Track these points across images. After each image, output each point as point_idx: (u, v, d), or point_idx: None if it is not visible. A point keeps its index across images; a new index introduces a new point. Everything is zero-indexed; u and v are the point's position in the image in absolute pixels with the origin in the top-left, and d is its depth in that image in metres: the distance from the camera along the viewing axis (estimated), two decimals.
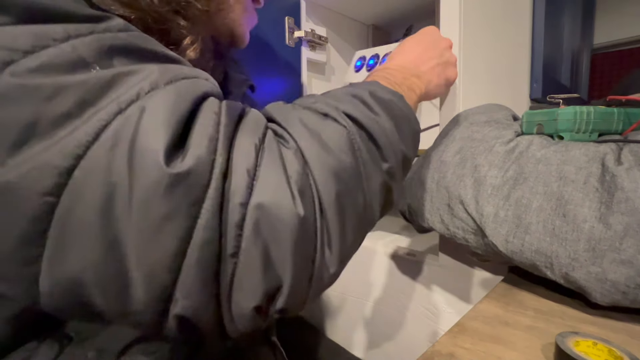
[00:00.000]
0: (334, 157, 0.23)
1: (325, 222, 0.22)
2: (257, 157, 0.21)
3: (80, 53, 0.19)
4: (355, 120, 0.26)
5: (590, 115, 0.39)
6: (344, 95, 0.29)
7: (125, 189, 0.18)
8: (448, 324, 0.51)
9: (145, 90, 0.20)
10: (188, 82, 0.22)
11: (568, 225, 0.34)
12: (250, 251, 0.20)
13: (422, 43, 0.43)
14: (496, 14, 0.61)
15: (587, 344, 0.28)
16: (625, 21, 1.06)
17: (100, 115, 0.18)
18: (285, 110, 0.26)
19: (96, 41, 0.20)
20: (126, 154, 0.18)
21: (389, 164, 0.27)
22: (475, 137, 0.43)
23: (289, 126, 0.24)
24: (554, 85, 0.79)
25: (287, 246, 0.20)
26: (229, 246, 0.19)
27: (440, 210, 0.43)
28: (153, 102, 0.19)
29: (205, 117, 0.21)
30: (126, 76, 0.20)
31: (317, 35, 0.78)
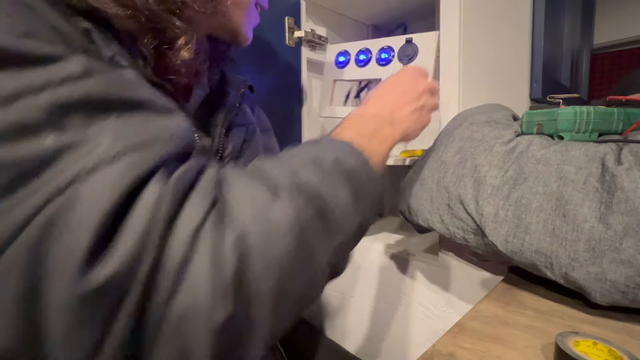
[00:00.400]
0: (278, 243, 0.22)
1: (260, 312, 0.21)
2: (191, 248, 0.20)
3: (26, 121, 0.17)
4: (310, 193, 0.25)
5: (590, 116, 0.39)
6: (307, 159, 0.28)
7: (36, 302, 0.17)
8: (448, 323, 0.51)
9: (86, 170, 0.18)
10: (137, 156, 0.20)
11: (568, 225, 0.34)
12: (166, 350, 0.19)
13: (400, 86, 0.42)
14: (496, 14, 0.62)
15: (587, 343, 0.28)
16: (625, 21, 1.06)
17: (31, 202, 0.17)
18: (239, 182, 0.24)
19: (49, 98, 0.18)
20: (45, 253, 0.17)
21: (341, 237, 0.26)
22: (475, 137, 0.43)
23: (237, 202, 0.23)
24: (554, 85, 0.79)
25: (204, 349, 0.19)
26: (146, 346, 0.19)
27: (440, 210, 0.43)
28: (89, 189, 0.18)
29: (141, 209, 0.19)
30: (70, 149, 0.18)
31: (317, 35, 0.78)
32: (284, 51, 0.76)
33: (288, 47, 0.76)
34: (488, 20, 0.59)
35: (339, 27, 0.87)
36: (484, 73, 0.59)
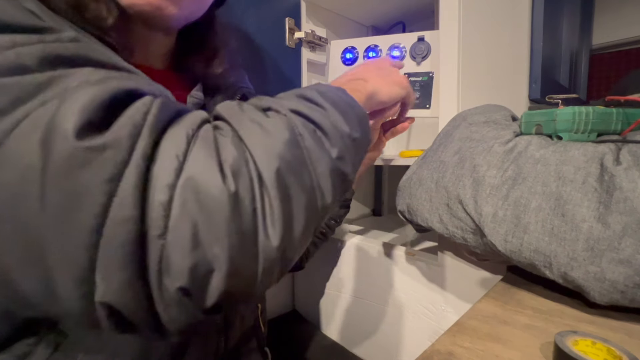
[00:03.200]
0: (274, 140, 0.24)
1: (267, 198, 0.22)
2: (188, 144, 0.22)
3: (23, 60, 0.20)
4: (298, 113, 0.27)
5: (589, 116, 0.39)
6: (290, 96, 0.30)
7: (38, 170, 0.18)
8: (447, 323, 0.51)
9: (72, 86, 0.20)
10: (119, 80, 0.22)
11: (567, 224, 0.34)
12: (177, 230, 0.20)
13: (370, 64, 0.47)
14: (495, 14, 0.62)
15: (586, 343, 0.28)
16: (624, 21, 1.06)
17: (24, 109, 0.19)
18: (230, 106, 0.27)
19: (42, 50, 0.21)
20: (41, 136, 0.19)
21: (338, 149, 0.28)
22: (474, 137, 0.44)
23: (231, 119, 0.25)
24: (553, 86, 0.80)
25: (219, 224, 0.20)
26: (155, 227, 0.19)
27: (439, 210, 0.43)
28: (75, 93, 0.20)
29: (134, 107, 0.21)
30: (60, 78, 0.21)
31: (317, 36, 0.78)
32: (284, 52, 0.76)
33: (288, 48, 0.76)
34: (487, 21, 0.59)
35: (338, 27, 0.87)
36: (483, 73, 0.59)
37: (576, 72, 0.97)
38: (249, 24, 0.69)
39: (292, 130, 0.25)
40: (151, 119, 0.21)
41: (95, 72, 0.22)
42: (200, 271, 0.21)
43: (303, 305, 0.85)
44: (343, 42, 0.68)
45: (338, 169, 0.28)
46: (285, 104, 0.27)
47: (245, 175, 0.22)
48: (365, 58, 0.66)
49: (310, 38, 0.77)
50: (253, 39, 0.70)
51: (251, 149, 0.23)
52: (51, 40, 0.22)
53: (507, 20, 0.66)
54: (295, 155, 0.25)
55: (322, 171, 0.26)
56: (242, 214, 0.21)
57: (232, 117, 0.25)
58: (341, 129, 0.29)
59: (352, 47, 0.67)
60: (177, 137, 0.22)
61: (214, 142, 0.23)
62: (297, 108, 0.27)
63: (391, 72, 0.46)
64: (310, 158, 0.26)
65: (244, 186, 0.22)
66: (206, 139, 0.23)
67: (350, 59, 0.69)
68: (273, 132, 0.24)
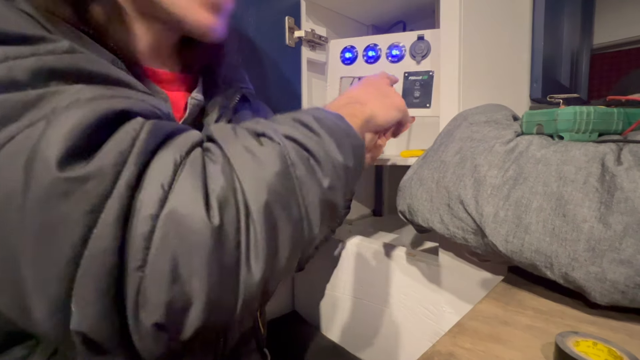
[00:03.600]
0: (265, 170, 0.24)
1: (253, 231, 0.22)
2: (175, 172, 0.21)
3: (14, 74, 0.20)
4: (292, 139, 0.27)
5: (590, 116, 0.39)
6: (286, 120, 0.30)
7: (19, 195, 0.18)
8: (448, 323, 0.51)
9: (62, 106, 0.20)
10: (110, 100, 0.22)
11: (568, 225, 0.34)
12: (156, 264, 0.19)
13: (368, 84, 0.47)
14: (496, 14, 0.62)
15: (587, 343, 0.28)
16: (625, 21, 1.06)
17: (10, 129, 0.19)
18: (224, 129, 0.27)
19: (34, 63, 0.21)
20: (25, 160, 0.18)
21: (329, 179, 0.27)
22: (475, 137, 0.43)
23: (224, 144, 0.25)
24: (554, 85, 0.79)
25: (199, 258, 0.20)
26: (134, 259, 0.19)
27: (440, 210, 0.43)
28: (62, 115, 0.19)
29: (123, 132, 0.21)
30: (51, 96, 0.20)
31: (317, 35, 0.78)
32: (284, 51, 0.76)
33: (288, 47, 0.76)
34: (488, 20, 0.59)
35: (339, 27, 0.87)
36: (484, 73, 0.59)
37: (577, 71, 0.97)
38: (248, 22, 0.69)
39: (284, 160, 0.25)
40: (139, 145, 0.21)
41: (87, 90, 0.22)
42: (177, 306, 0.20)
43: (303, 306, 0.85)
44: (342, 42, 0.68)
45: (328, 199, 0.27)
46: (280, 130, 0.27)
47: (232, 207, 0.22)
48: (364, 57, 0.66)
49: (310, 37, 0.77)
50: (253, 38, 0.70)
51: (241, 179, 0.23)
52: (45, 52, 0.22)
53: (508, 20, 0.66)
54: (286, 186, 0.24)
55: (311, 201, 0.26)
56: (225, 247, 0.21)
57: (225, 141, 0.25)
58: (334, 158, 0.28)
59: (352, 47, 0.67)
60: (165, 164, 0.21)
61: (202, 170, 0.22)
62: (291, 134, 0.27)
63: (388, 94, 0.46)
64: (301, 188, 0.25)
65: (230, 218, 0.21)
66: (194, 166, 0.22)
67: (350, 59, 0.68)
68: (265, 162, 0.24)
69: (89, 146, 0.20)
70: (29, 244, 0.18)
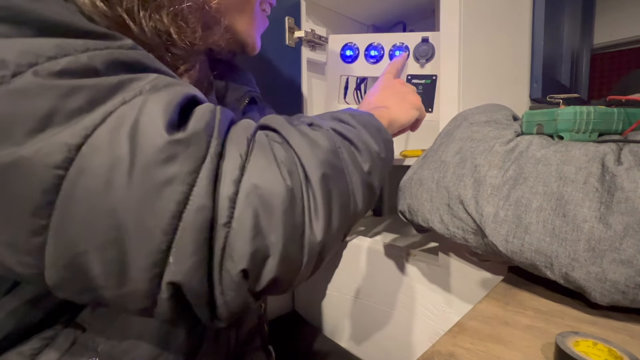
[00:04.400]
0: (320, 151, 0.27)
1: (312, 194, 0.26)
2: (248, 145, 0.25)
3: (94, 63, 0.22)
4: (335, 130, 0.31)
5: (590, 115, 0.39)
6: (325, 116, 0.34)
7: (127, 161, 0.20)
8: (448, 323, 0.51)
9: (146, 89, 0.23)
10: (183, 87, 0.25)
11: (568, 225, 0.34)
12: (241, 220, 0.22)
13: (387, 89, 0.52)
14: (496, 14, 0.61)
15: (587, 344, 0.28)
16: (625, 21, 1.06)
17: (107, 107, 0.21)
18: (278, 118, 0.30)
19: (109, 55, 0.23)
20: (129, 131, 0.21)
21: (369, 164, 0.31)
22: (475, 137, 0.43)
23: (280, 128, 0.28)
24: (554, 85, 0.79)
25: (277, 215, 0.23)
26: (221, 216, 0.22)
27: (440, 210, 0.43)
28: (153, 96, 0.22)
29: (203, 109, 0.24)
30: (131, 81, 0.23)
31: (317, 36, 0.78)
32: (284, 51, 0.76)
33: (288, 47, 0.76)
34: (488, 20, 0.59)
35: (339, 26, 0.87)
36: (484, 73, 0.59)
37: (577, 71, 0.97)
38: None
39: (333, 143, 0.29)
40: (219, 120, 0.24)
41: (161, 78, 0.24)
42: (258, 256, 0.23)
43: (303, 306, 0.85)
44: (342, 37, 0.66)
45: (368, 181, 0.31)
46: (324, 123, 0.31)
47: (297, 175, 0.25)
48: (366, 57, 0.65)
49: (310, 37, 0.77)
50: None
51: (300, 155, 0.26)
52: (115, 47, 0.24)
53: (508, 20, 0.66)
54: (336, 164, 0.28)
55: (355, 181, 0.30)
56: (295, 208, 0.24)
57: (281, 127, 0.28)
58: (371, 147, 0.33)
59: (353, 44, 0.65)
60: (239, 139, 0.25)
61: (269, 146, 0.26)
62: (334, 126, 0.31)
63: (407, 95, 0.51)
64: (348, 169, 0.29)
65: (297, 184, 0.25)
66: (262, 142, 0.26)
67: (351, 57, 0.66)
68: (318, 143, 0.28)
69: (179, 121, 0.23)
70: (136, 203, 0.20)
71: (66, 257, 0.21)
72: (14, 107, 0.19)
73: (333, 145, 0.29)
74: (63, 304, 0.30)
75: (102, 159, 0.20)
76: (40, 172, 0.19)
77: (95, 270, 0.21)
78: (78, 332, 0.30)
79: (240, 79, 0.52)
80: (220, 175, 0.23)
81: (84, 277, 0.21)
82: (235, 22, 0.42)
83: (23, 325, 0.28)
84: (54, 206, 0.20)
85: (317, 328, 0.79)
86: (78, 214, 0.20)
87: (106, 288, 0.22)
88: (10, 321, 0.28)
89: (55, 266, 0.21)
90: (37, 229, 0.20)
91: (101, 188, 0.20)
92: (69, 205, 0.20)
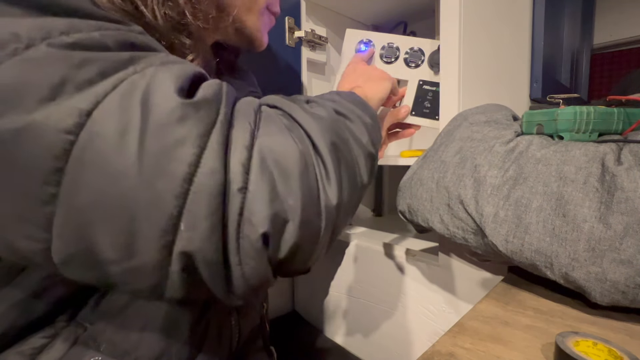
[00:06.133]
0: (324, 123, 0.28)
1: (322, 161, 0.26)
2: (256, 115, 0.25)
3: (105, 40, 0.23)
4: (328, 106, 0.32)
5: (590, 115, 0.39)
6: (317, 98, 0.35)
7: (138, 124, 0.20)
8: (448, 323, 0.51)
9: (157, 63, 0.23)
10: (192, 66, 0.25)
11: (568, 225, 0.34)
12: (258, 184, 0.22)
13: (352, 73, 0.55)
14: (496, 14, 0.61)
15: (587, 343, 0.28)
16: (625, 21, 1.06)
17: (118, 76, 0.21)
18: (276, 97, 0.31)
19: (120, 36, 0.24)
20: (140, 95, 0.21)
21: (366, 136, 0.33)
22: (475, 137, 0.43)
23: (281, 105, 0.29)
24: (554, 85, 0.79)
25: (294, 178, 0.23)
26: (235, 181, 0.22)
27: (440, 210, 0.43)
28: (164, 67, 0.23)
29: (210, 83, 0.25)
30: (142, 57, 0.23)
31: (317, 35, 0.78)
32: (284, 51, 0.76)
33: (288, 47, 0.76)
34: (488, 20, 0.59)
35: (339, 26, 0.86)
36: (484, 73, 0.59)
37: (577, 71, 0.97)
38: None
39: (334, 115, 0.30)
40: (225, 92, 0.25)
41: (171, 56, 0.25)
42: (278, 220, 0.23)
43: (303, 306, 0.85)
44: (360, 33, 0.65)
45: (369, 151, 0.32)
46: (320, 101, 0.32)
47: (306, 143, 0.25)
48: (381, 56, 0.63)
49: (310, 37, 0.77)
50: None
51: (305, 127, 0.27)
52: (125, 30, 0.25)
53: (508, 20, 0.66)
54: (341, 135, 0.29)
55: (357, 151, 0.31)
56: (309, 172, 0.24)
57: (282, 104, 0.29)
58: (364, 120, 0.34)
59: (369, 41, 0.65)
60: (246, 110, 0.25)
61: (275, 116, 0.26)
62: (327, 104, 0.32)
63: (372, 72, 0.54)
64: (350, 140, 0.30)
65: (307, 150, 0.25)
66: (269, 113, 0.26)
67: (365, 52, 0.65)
68: (321, 115, 0.29)
69: (189, 90, 0.23)
70: (146, 167, 0.20)
71: (75, 228, 0.20)
72: (26, 76, 0.20)
73: (334, 117, 0.30)
74: (63, 300, 0.30)
75: (113, 123, 0.20)
76: (51, 138, 0.19)
77: (103, 243, 0.21)
78: (79, 330, 0.30)
79: (243, 80, 0.52)
80: (231, 142, 0.22)
81: (92, 250, 0.21)
82: (243, 14, 0.42)
83: (22, 321, 0.28)
84: (64, 172, 0.20)
85: (317, 328, 0.79)
86: (88, 180, 0.20)
87: (114, 262, 0.21)
88: (9, 315, 0.28)
89: (63, 239, 0.21)
90: (46, 197, 0.20)
91: (112, 152, 0.20)
92: (79, 171, 0.20)
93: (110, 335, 0.31)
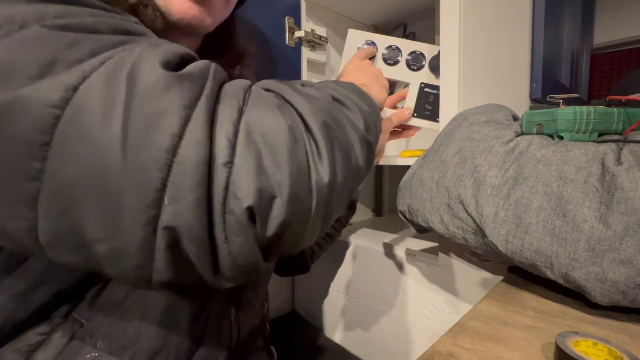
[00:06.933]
0: (317, 103, 0.27)
1: (314, 139, 0.25)
2: (244, 93, 0.25)
3: (98, 25, 0.23)
4: (325, 92, 0.31)
5: (590, 115, 0.39)
6: (315, 83, 0.34)
7: (122, 97, 0.20)
8: (448, 323, 0.51)
9: (145, 46, 0.23)
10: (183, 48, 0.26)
11: (568, 225, 0.34)
12: (244, 157, 0.22)
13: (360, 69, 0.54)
14: (496, 14, 0.61)
15: (587, 343, 0.28)
16: (625, 21, 1.06)
17: (105, 55, 0.22)
18: (269, 81, 0.30)
19: (114, 23, 0.24)
20: (127, 71, 0.21)
21: (363, 123, 0.32)
22: (475, 137, 0.43)
23: (274, 88, 0.28)
24: (554, 85, 0.79)
25: (281, 153, 0.23)
26: (221, 156, 0.21)
27: (440, 210, 0.43)
28: (153, 47, 0.23)
29: (199, 61, 0.25)
30: (131, 41, 0.24)
31: (317, 36, 0.78)
32: (284, 51, 0.76)
33: (288, 47, 0.76)
34: (488, 21, 0.59)
35: (339, 27, 0.87)
36: (484, 73, 0.59)
37: (577, 71, 0.97)
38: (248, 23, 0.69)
39: (329, 97, 0.30)
40: (213, 70, 0.25)
41: (161, 40, 0.26)
42: (265, 195, 0.22)
43: (303, 306, 0.85)
44: (362, 34, 0.65)
45: (366, 138, 0.31)
46: (317, 85, 0.32)
47: (297, 122, 0.25)
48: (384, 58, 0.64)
49: (310, 37, 0.77)
50: (253, 37, 0.70)
51: (297, 107, 0.26)
52: (119, 18, 0.26)
53: (508, 20, 0.66)
54: (334, 116, 0.28)
55: (353, 135, 0.29)
56: (299, 147, 0.24)
57: (274, 86, 0.28)
58: (361, 107, 0.33)
59: (372, 42, 0.65)
60: (235, 89, 0.25)
61: (264, 94, 0.26)
62: (324, 90, 0.31)
63: (379, 75, 0.54)
64: (344, 123, 0.29)
65: (297, 127, 0.24)
66: (258, 92, 0.26)
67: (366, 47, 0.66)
68: (314, 96, 0.28)
69: (177, 66, 0.23)
70: (130, 138, 0.20)
71: (60, 205, 0.20)
72: (17, 54, 0.20)
73: (329, 101, 0.29)
74: (62, 292, 0.30)
75: (98, 97, 0.20)
76: (37, 112, 0.19)
77: (89, 219, 0.21)
78: (76, 326, 0.30)
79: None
80: (217, 117, 0.22)
81: (78, 228, 0.21)
82: None
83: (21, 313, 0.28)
84: (50, 147, 0.20)
85: (318, 328, 0.79)
86: (73, 154, 0.20)
87: (99, 241, 0.21)
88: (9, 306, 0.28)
89: (49, 217, 0.21)
90: (32, 173, 0.20)
91: (97, 125, 0.20)
92: (65, 145, 0.20)
93: (108, 331, 0.31)
